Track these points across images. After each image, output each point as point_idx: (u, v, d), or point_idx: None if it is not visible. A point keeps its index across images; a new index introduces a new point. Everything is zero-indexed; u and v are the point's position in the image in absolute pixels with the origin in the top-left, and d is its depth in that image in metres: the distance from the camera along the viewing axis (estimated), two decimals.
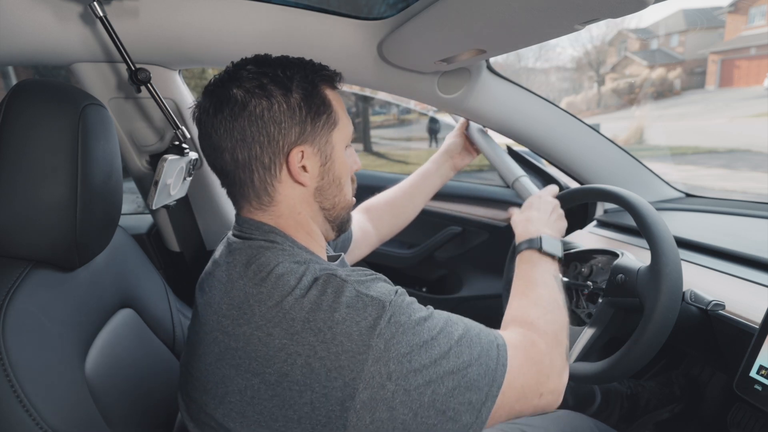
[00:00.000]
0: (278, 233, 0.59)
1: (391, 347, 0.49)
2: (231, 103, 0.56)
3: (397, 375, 0.49)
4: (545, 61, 16.00)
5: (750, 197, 1.13)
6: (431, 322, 0.53)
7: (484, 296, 1.50)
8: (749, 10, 12.00)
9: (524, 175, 1.04)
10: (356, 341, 0.49)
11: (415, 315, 0.52)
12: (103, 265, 0.72)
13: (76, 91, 0.62)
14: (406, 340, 0.50)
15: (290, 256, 0.56)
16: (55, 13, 0.77)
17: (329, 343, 0.48)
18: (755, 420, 0.83)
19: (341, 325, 0.49)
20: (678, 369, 1.16)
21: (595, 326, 0.78)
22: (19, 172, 0.56)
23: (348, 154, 0.66)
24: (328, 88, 0.62)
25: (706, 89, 12.31)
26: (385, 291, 0.53)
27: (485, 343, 0.54)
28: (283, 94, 0.57)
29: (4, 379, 0.48)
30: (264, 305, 0.51)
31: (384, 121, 10.15)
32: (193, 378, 0.56)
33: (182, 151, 0.86)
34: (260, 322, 0.51)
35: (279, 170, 0.58)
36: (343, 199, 0.65)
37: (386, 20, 0.87)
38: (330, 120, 0.61)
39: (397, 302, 0.52)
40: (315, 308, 0.50)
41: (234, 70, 0.59)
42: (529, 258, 0.76)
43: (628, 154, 1.17)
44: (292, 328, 0.49)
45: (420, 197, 1.08)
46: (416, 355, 0.50)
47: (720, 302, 0.71)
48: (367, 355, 0.48)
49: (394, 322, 0.50)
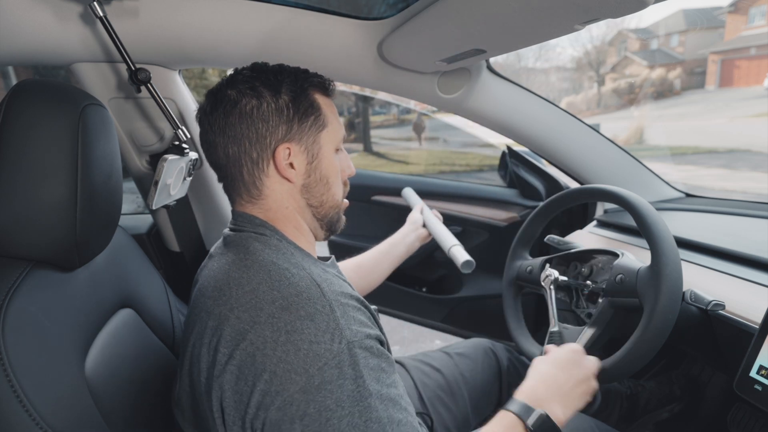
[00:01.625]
0: (268, 227, 0.62)
1: (322, 391, 0.48)
2: (224, 102, 0.61)
3: (309, 421, 0.47)
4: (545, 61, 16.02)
5: (750, 197, 1.14)
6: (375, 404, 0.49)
7: (484, 296, 1.50)
8: (749, 10, 12.01)
9: (457, 244, 1.05)
10: (300, 359, 0.49)
11: (367, 382, 0.50)
12: (103, 265, 0.72)
13: (76, 91, 0.62)
14: (338, 394, 0.48)
15: (278, 249, 0.59)
16: (55, 13, 0.77)
17: (279, 345, 0.49)
18: (755, 420, 0.83)
19: (297, 335, 0.50)
20: (678, 369, 1.16)
21: (595, 326, 0.78)
22: (19, 172, 0.56)
23: (341, 157, 0.69)
24: (319, 93, 0.65)
25: (706, 89, 12.32)
26: (355, 328, 0.52)
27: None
28: (272, 95, 0.61)
29: (4, 379, 0.48)
30: (241, 289, 0.54)
31: (384, 121, 10.16)
32: (183, 362, 0.59)
33: (182, 151, 0.86)
34: (234, 305, 0.53)
35: (266, 165, 0.62)
36: (331, 198, 0.67)
37: (386, 20, 0.87)
38: (318, 122, 0.64)
39: (356, 351, 0.50)
40: (285, 307, 0.51)
41: (232, 75, 0.64)
42: (512, 426, 0.59)
43: (628, 154, 1.17)
44: (258, 317, 0.51)
45: (386, 264, 1.08)
46: (336, 414, 0.48)
47: (720, 302, 0.71)
48: (300, 377, 0.48)
49: (339, 368, 0.49)
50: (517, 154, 1.46)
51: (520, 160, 1.46)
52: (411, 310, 1.58)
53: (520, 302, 0.98)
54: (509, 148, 1.52)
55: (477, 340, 1.08)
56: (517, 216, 1.46)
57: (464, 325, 1.56)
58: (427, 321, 1.59)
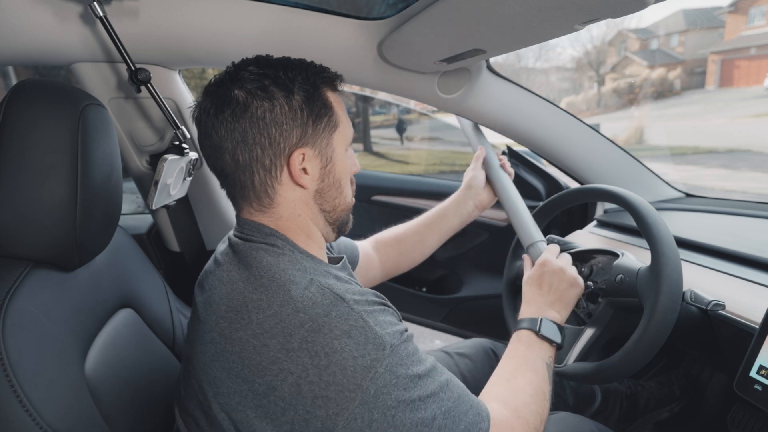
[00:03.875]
0: (279, 236, 0.59)
1: (380, 395, 0.49)
2: (232, 104, 0.56)
3: (377, 426, 0.48)
4: (545, 61, 16.01)
5: (750, 197, 1.14)
6: (426, 382, 0.53)
7: (484, 296, 1.50)
8: (749, 10, 12.01)
9: (543, 240, 0.92)
10: (349, 377, 0.48)
11: (413, 369, 0.52)
12: (103, 265, 0.72)
13: (77, 91, 0.62)
14: (397, 394, 0.49)
15: (292, 263, 0.56)
16: (55, 13, 0.77)
17: (323, 369, 0.48)
18: (755, 420, 0.83)
19: (338, 355, 0.49)
20: (678, 369, 1.16)
21: (595, 326, 0.78)
22: (19, 172, 0.56)
23: (348, 156, 0.66)
24: (330, 90, 0.62)
25: (706, 89, 12.32)
26: (390, 331, 0.52)
27: (471, 422, 0.54)
28: (285, 96, 0.57)
29: (4, 379, 0.48)
30: (263, 313, 0.51)
31: (384, 121, 10.14)
32: (190, 371, 0.57)
33: (182, 151, 0.86)
34: (257, 330, 0.50)
35: (279, 172, 0.58)
36: (343, 201, 0.65)
37: (386, 20, 0.87)
38: (331, 122, 0.60)
39: (399, 349, 0.52)
40: (316, 329, 0.49)
41: (235, 71, 0.59)
42: (525, 338, 0.74)
43: (628, 154, 1.17)
44: (289, 344, 0.49)
45: (432, 238, 0.98)
46: (401, 411, 0.49)
47: (720, 302, 0.71)
48: (355, 394, 0.48)
49: (391, 371, 0.50)
50: (517, 154, 1.46)
51: (520, 160, 1.45)
52: (411, 310, 1.58)
53: (519, 302, 0.98)
54: (509, 148, 1.51)
55: (477, 340, 1.08)
56: None
57: (464, 325, 1.55)
58: (427, 321, 1.59)
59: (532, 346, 0.72)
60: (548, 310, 0.78)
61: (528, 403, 0.63)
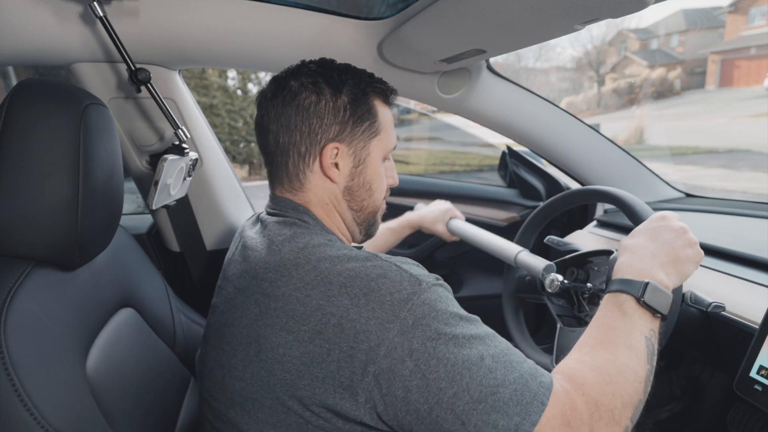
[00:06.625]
0: (310, 215, 0.64)
1: (419, 326, 0.49)
2: (285, 92, 0.63)
3: (418, 355, 0.49)
4: (545, 61, 15.99)
5: (750, 197, 1.14)
6: (470, 325, 0.52)
7: (485, 296, 1.50)
8: (749, 10, 12.01)
9: (523, 249, 0.96)
10: (387, 310, 0.50)
11: (452, 308, 0.53)
12: (104, 265, 0.72)
13: (78, 91, 0.62)
14: (437, 326, 0.50)
15: (323, 237, 0.60)
16: (55, 13, 0.77)
17: (362, 307, 0.50)
18: (755, 420, 0.83)
19: (376, 293, 0.51)
20: (678, 369, 1.16)
21: None
22: (20, 171, 0.56)
23: (387, 167, 0.70)
24: (380, 101, 0.67)
25: (706, 89, 12.32)
26: (425, 274, 0.55)
27: (526, 373, 0.50)
28: (332, 94, 0.62)
29: (6, 378, 0.48)
30: (302, 268, 0.54)
31: None
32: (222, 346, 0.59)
33: (182, 151, 0.86)
34: (298, 284, 0.53)
35: (312, 161, 0.63)
36: (372, 204, 0.69)
37: (386, 20, 0.87)
38: (372, 128, 0.65)
39: (437, 288, 0.53)
40: (353, 276, 0.52)
41: (299, 66, 0.66)
42: (621, 304, 0.59)
43: (628, 154, 1.17)
44: (330, 291, 0.52)
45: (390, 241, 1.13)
46: (443, 344, 0.49)
47: (720, 304, 0.70)
48: (393, 324, 0.49)
49: (429, 305, 0.51)
50: (517, 154, 1.46)
51: (520, 160, 1.46)
52: None
53: (521, 315, 0.99)
54: (509, 148, 1.52)
55: None
56: (517, 216, 1.46)
57: None
58: None
59: (630, 315, 0.58)
60: (658, 272, 0.61)
61: (604, 383, 0.53)
